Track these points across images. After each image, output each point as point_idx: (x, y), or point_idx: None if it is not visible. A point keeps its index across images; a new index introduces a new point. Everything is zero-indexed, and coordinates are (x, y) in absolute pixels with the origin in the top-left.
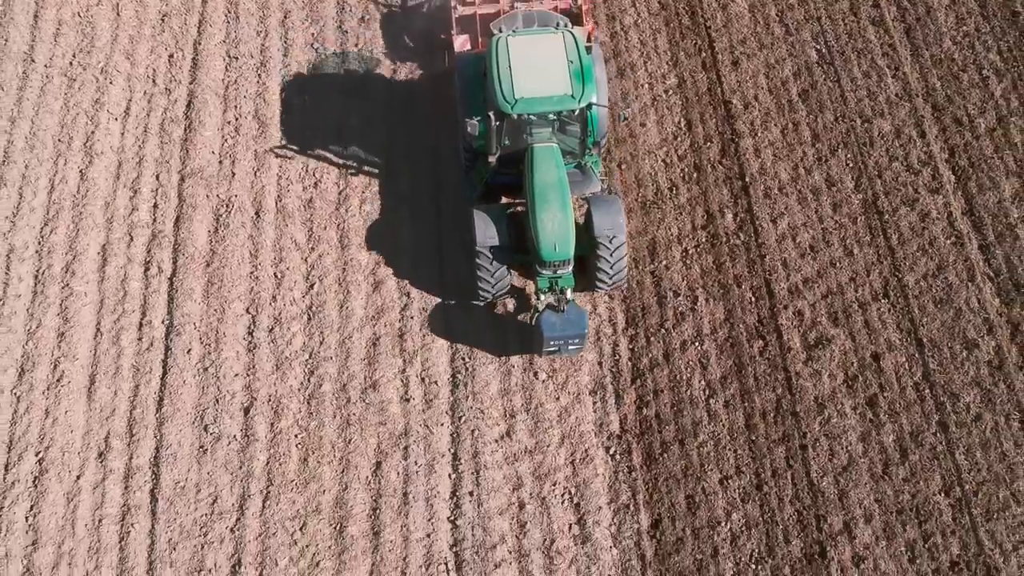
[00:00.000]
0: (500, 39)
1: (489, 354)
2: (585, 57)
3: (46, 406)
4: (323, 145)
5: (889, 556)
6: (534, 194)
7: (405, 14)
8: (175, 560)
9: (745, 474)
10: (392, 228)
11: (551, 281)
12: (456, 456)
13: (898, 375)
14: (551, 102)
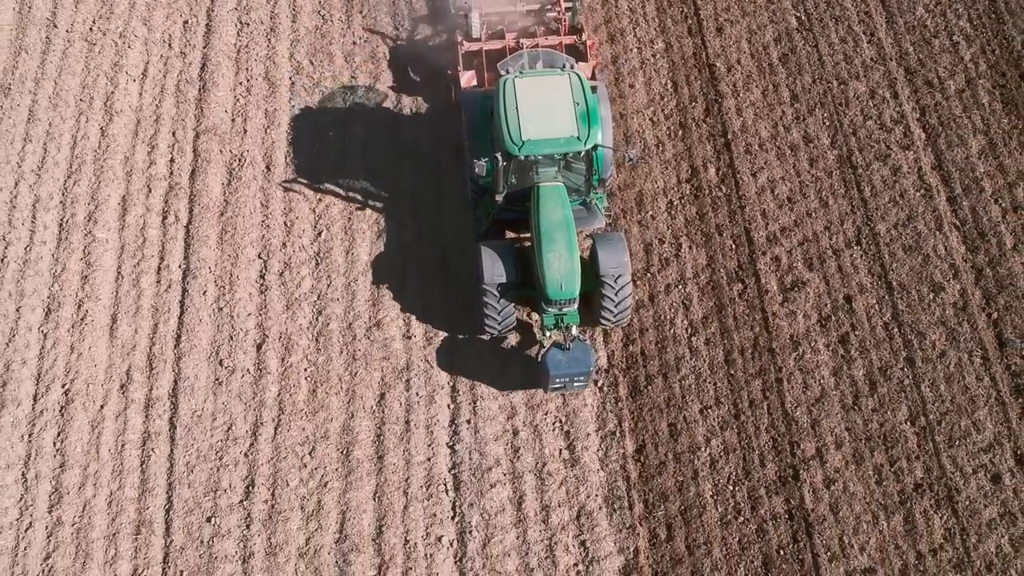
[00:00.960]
0: (507, 80)
1: None
2: (591, 98)
3: (71, 342)
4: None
5: (858, 479)
6: (540, 234)
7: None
8: (193, 481)
9: (724, 404)
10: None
11: (557, 318)
12: (455, 388)
13: (869, 315)
14: (557, 144)
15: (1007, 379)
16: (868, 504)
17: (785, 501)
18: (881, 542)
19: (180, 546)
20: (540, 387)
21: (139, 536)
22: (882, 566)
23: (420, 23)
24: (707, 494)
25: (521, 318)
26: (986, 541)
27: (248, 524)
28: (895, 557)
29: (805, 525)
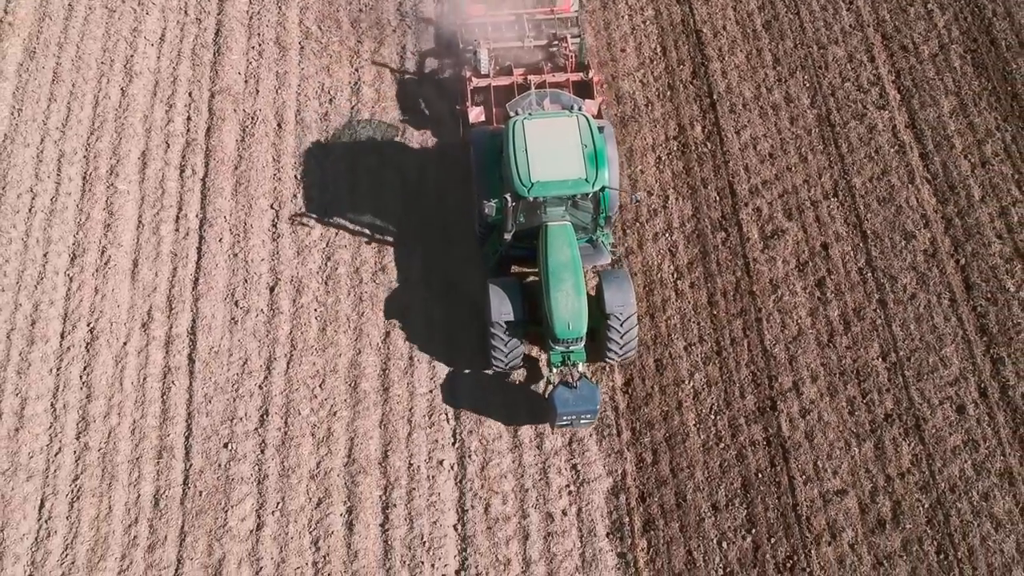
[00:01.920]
0: (517, 122)
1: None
2: (599, 139)
3: (95, 285)
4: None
5: (831, 409)
6: (548, 273)
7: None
8: (210, 411)
9: (707, 342)
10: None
11: (564, 356)
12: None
13: (844, 261)
14: (566, 186)
15: (973, 319)
16: (841, 432)
17: (763, 429)
18: (852, 466)
19: (199, 469)
20: (548, 423)
21: (161, 460)
22: (853, 488)
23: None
24: (690, 423)
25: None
26: (950, 466)
27: (263, 449)
28: (865, 480)
29: (782, 451)
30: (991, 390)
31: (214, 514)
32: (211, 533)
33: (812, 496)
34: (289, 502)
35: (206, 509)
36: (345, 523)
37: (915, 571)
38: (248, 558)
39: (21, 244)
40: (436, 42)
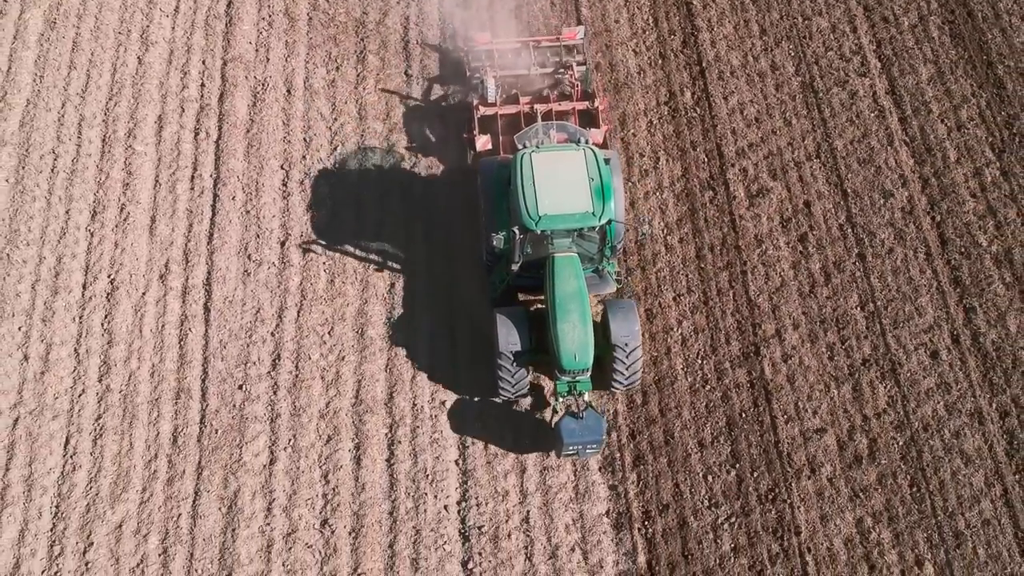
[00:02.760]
0: (524, 155)
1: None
2: (605, 172)
3: (115, 239)
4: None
5: (812, 355)
6: (555, 305)
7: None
8: (225, 355)
9: (695, 293)
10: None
11: (570, 385)
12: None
13: (825, 218)
14: (573, 219)
15: (947, 272)
16: (820, 375)
17: (747, 373)
18: (831, 407)
19: (215, 409)
20: (554, 452)
21: (178, 401)
22: (832, 427)
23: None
24: (678, 367)
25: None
26: (924, 406)
27: (275, 391)
28: (843, 419)
29: (765, 393)
30: (963, 337)
31: (229, 450)
32: (226, 467)
33: (793, 434)
34: (300, 439)
35: (222, 446)
36: (353, 458)
37: (889, 503)
38: (262, 490)
39: (44, 202)
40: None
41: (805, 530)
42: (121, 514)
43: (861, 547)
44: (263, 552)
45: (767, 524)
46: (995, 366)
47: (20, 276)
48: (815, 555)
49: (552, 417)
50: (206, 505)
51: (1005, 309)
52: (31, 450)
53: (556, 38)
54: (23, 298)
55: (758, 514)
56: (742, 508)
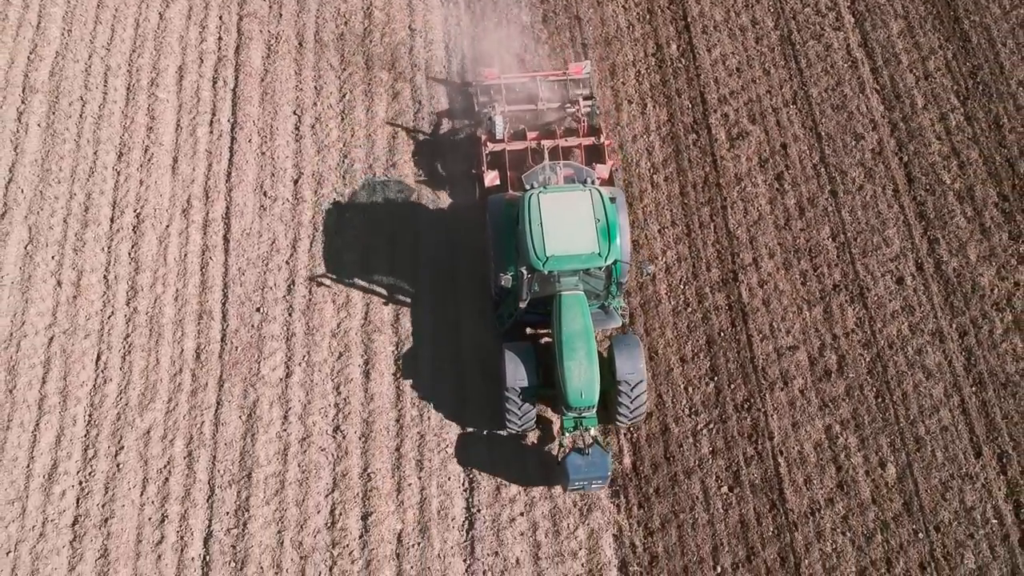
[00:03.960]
0: (532, 195)
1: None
2: (611, 212)
3: (140, 178)
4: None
5: (786, 280)
6: (562, 343)
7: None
8: (244, 281)
9: (678, 225)
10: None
11: (576, 421)
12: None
13: (800, 158)
14: (580, 260)
15: (913, 207)
16: (794, 299)
17: (726, 297)
18: (803, 327)
19: (235, 329)
20: (560, 486)
21: (201, 321)
22: (804, 344)
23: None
24: (662, 292)
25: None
26: (889, 326)
27: (290, 312)
28: (815, 338)
29: (742, 314)
30: (927, 265)
31: (248, 365)
32: (246, 380)
33: (768, 351)
34: (314, 355)
35: (241, 361)
36: (363, 372)
37: (856, 412)
38: (279, 400)
39: (74, 144)
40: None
41: (778, 435)
42: (149, 421)
43: (829, 451)
44: (280, 455)
45: (743, 430)
46: (956, 291)
47: (52, 211)
48: (787, 457)
49: (558, 452)
50: (227, 413)
51: (966, 240)
52: (65, 365)
53: (563, 72)
54: (55, 230)
55: (734, 421)
56: (720, 416)
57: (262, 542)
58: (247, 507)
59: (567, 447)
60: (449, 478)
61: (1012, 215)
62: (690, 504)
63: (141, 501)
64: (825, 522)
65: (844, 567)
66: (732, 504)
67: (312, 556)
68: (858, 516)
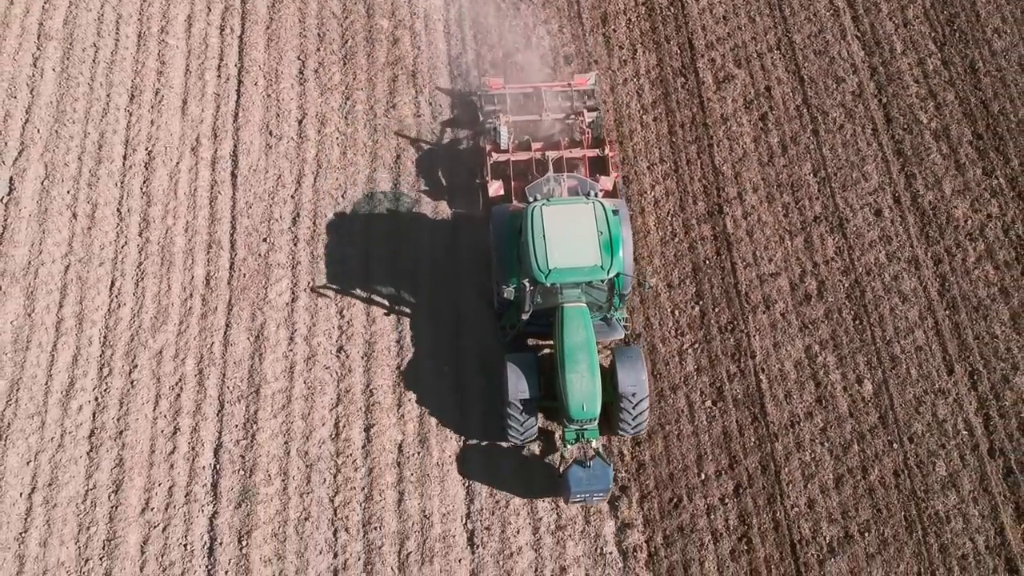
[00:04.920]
0: (535, 208)
1: None
2: (614, 225)
3: (151, 119)
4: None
5: (769, 212)
6: (564, 355)
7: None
8: (251, 214)
9: (666, 162)
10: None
11: (578, 434)
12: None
13: (783, 100)
14: (582, 272)
15: (891, 145)
16: (776, 229)
17: (711, 228)
18: (785, 255)
19: (243, 258)
20: (561, 498)
21: (210, 251)
22: (785, 271)
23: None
24: (651, 223)
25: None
26: (867, 255)
27: (295, 243)
28: (796, 265)
29: (727, 244)
30: (904, 198)
31: (256, 290)
32: (254, 304)
33: (751, 277)
34: (318, 282)
35: (249, 287)
36: (366, 299)
37: (834, 332)
38: (285, 323)
39: (87, 87)
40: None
41: (760, 354)
42: (161, 342)
43: (809, 368)
44: (287, 373)
45: (726, 350)
46: (931, 222)
47: (68, 149)
48: (768, 375)
49: (560, 464)
50: (236, 334)
51: (941, 175)
52: (81, 291)
53: (567, 84)
54: (71, 167)
55: (718, 342)
56: (704, 337)
57: (270, 452)
58: (255, 420)
59: (568, 459)
60: (445, 394)
61: (986, 152)
62: (676, 417)
63: (154, 415)
64: (804, 433)
65: (822, 474)
66: (715, 417)
67: (317, 464)
68: (836, 428)
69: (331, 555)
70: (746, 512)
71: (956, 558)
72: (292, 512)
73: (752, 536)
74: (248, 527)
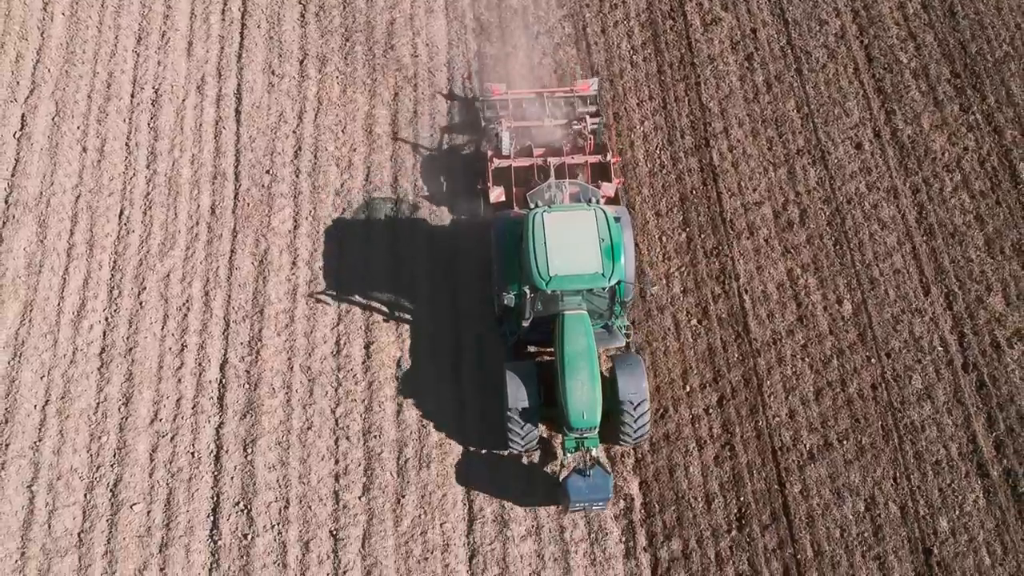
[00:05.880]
0: (536, 215)
1: None
2: (616, 232)
3: (158, 59)
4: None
5: (754, 145)
6: (564, 363)
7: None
8: (255, 147)
9: (655, 99)
10: None
11: (578, 442)
12: (452, 90)
13: (768, 42)
14: (583, 280)
15: (872, 82)
16: (760, 161)
17: (698, 160)
18: (769, 185)
19: (247, 188)
20: (560, 507)
21: (215, 182)
22: (769, 200)
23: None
24: (640, 156)
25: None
26: (848, 185)
27: (297, 175)
28: (779, 195)
29: (712, 175)
30: (884, 133)
31: (259, 218)
32: (257, 231)
33: (735, 206)
34: (319, 211)
35: (253, 215)
36: (364, 223)
37: (816, 257)
38: (287, 248)
39: (96, 30)
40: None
41: (743, 277)
42: (168, 266)
43: (791, 289)
44: (290, 294)
45: (711, 272)
46: (910, 154)
47: (77, 87)
48: (751, 295)
49: (560, 472)
50: (241, 259)
51: (920, 111)
52: (91, 219)
53: (570, 89)
54: (80, 104)
55: (704, 265)
56: (691, 261)
57: (273, 367)
58: (260, 338)
59: (568, 467)
60: (441, 309)
61: (963, 90)
62: (662, 335)
63: (162, 334)
64: (786, 350)
65: (803, 387)
66: (701, 334)
67: (319, 379)
68: (816, 345)
69: (332, 461)
70: (729, 422)
71: (930, 464)
72: (295, 422)
73: (735, 444)
74: (253, 436)
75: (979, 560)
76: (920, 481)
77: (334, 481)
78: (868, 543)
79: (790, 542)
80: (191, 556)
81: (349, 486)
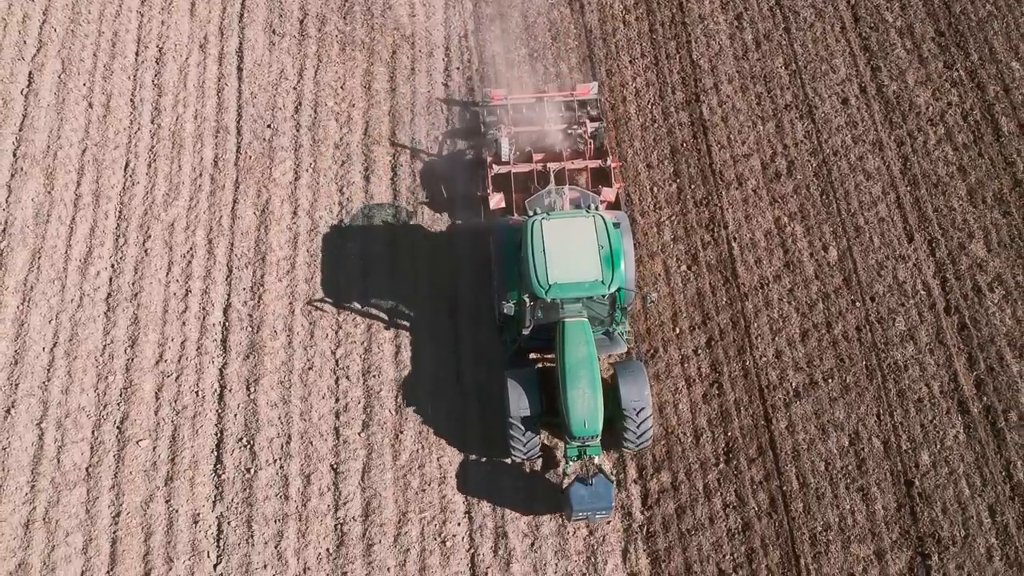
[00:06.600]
0: (535, 222)
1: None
2: (615, 238)
3: (162, 19)
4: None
5: (743, 101)
6: (565, 371)
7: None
8: (256, 103)
9: (647, 56)
10: None
11: (580, 450)
12: (448, 49)
13: (757, 2)
14: (582, 288)
15: (858, 41)
16: (749, 116)
17: (689, 115)
18: (758, 138)
19: (248, 142)
20: (563, 515)
21: (218, 136)
22: (757, 153)
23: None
24: (632, 112)
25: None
26: (834, 138)
27: (297, 129)
28: (767, 147)
29: (703, 128)
30: (869, 88)
31: (261, 170)
32: (259, 182)
33: (725, 158)
34: (319, 163)
35: (255, 167)
36: (363, 176)
37: (802, 206)
38: (288, 199)
39: None
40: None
41: (732, 225)
42: (173, 215)
43: (778, 237)
44: (291, 242)
45: (701, 221)
46: (895, 109)
47: (83, 46)
48: (740, 242)
49: (562, 480)
50: (243, 208)
51: (905, 68)
52: (97, 171)
53: (570, 93)
54: (86, 62)
55: (694, 214)
56: (681, 210)
57: (275, 311)
58: (262, 283)
59: (571, 477)
60: (439, 257)
61: (947, 47)
62: (653, 280)
63: (167, 280)
64: (773, 294)
65: (789, 329)
66: (690, 279)
67: (320, 322)
68: (802, 289)
69: (333, 399)
70: (717, 361)
71: (912, 401)
72: (297, 363)
73: (723, 382)
74: (256, 376)
75: (959, 491)
76: (903, 417)
77: (334, 418)
78: (852, 476)
79: (776, 475)
80: (195, 488)
81: (349, 422)
